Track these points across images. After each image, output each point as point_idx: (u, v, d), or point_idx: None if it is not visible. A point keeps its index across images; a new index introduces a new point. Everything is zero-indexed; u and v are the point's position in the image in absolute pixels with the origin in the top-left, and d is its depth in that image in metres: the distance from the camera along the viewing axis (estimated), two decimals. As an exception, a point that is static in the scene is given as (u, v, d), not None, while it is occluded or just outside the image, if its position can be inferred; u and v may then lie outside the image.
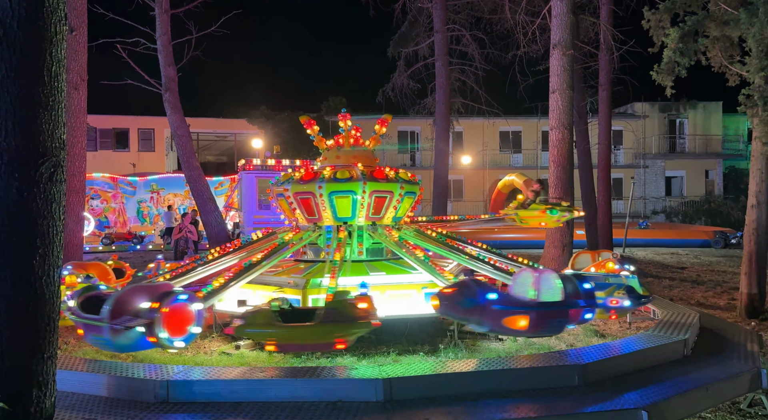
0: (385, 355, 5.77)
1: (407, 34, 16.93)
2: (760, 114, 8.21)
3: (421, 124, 28.62)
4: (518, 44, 14.17)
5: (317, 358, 5.46)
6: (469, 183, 30.26)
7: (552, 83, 10.41)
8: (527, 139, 30.68)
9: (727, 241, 20.26)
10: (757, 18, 7.55)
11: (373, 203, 6.51)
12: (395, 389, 4.03)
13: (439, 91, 15.42)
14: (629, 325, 7.58)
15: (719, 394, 4.58)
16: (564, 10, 9.90)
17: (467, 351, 6.12)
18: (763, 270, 8.76)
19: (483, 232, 20.89)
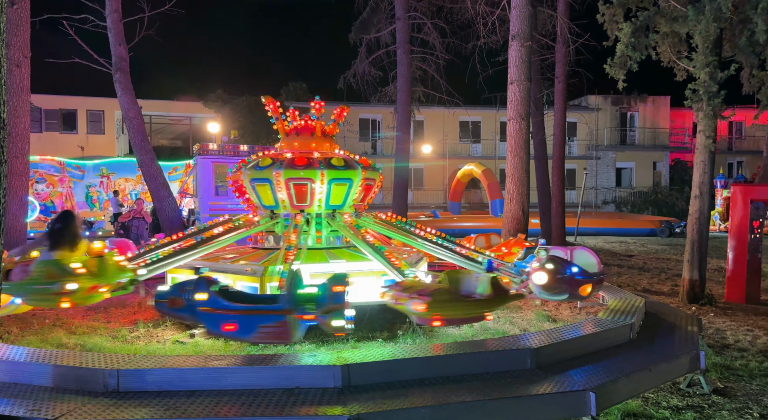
0: (344, 341, 5.79)
1: (369, 20, 16.77)
2: (705, 108, 8.59)
3: (382, 112, 28.57)
4: (478, 35, 14.29)
5: (275, 346, 5.41)
6: (429, 172, 30.50)
7: (510, 74, 10.56)
8: (486, 129, 31.12)
9: (671, 230, 21.26)
10: (704, 15, 7.86)
11: (332, 190, 6.46)
12: (353, 375, 4.04)
13: (401, 79, 15.40)
14: (579, 311, 7.87)
15: (661, 375, 4.80)
16: (523, 1, 10.02)
17: (425, 337, 6.21)
18: (704, 258, 9.21)
19: (441, 221, 21.19)
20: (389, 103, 18.52)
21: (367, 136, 30.44)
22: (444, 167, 30.05)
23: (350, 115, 29.01)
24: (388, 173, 18.55)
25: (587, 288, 5.84)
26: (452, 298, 5.18)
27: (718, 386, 5.08)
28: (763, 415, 4.43)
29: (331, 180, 6.35)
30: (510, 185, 10.92)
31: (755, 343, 6.69)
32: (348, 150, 8.21)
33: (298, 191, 6.39)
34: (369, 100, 18.79)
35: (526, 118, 10.68)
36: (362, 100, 19.89)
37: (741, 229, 9.33)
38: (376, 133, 30.50)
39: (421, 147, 29.03)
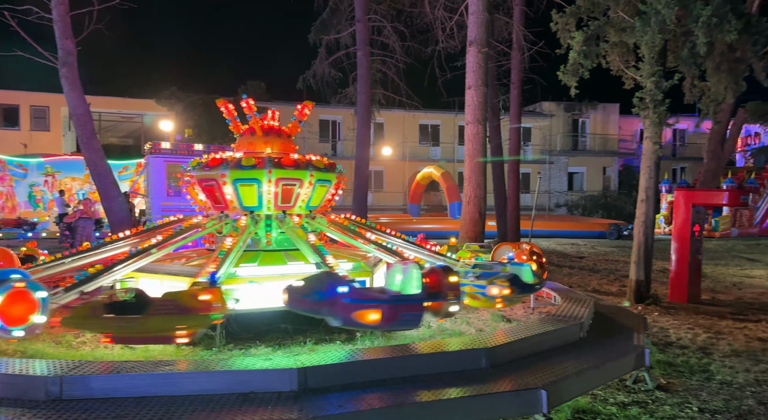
0: (302, 344, 5.73)
1: (329, 21, 16.72)
2: (651, 116, 8.99)
3: (343, 114, 28.51)
4: (437, 39, 14.49)
5: (229, 350, 5.30)
6: (389, 174, 30.63)
7: (468, 79, 10.75)
8: (445, 132, 31.54)
9: (620, 232, 22.13)
10: (650, 27, 8.23)
11: (281, 192, 6.37)
12: (310, 378, 4.00)
13: (361, 81, 15.41)
14: (533, 311, 8.07)
15: (609, 372, 4.98)
16: (480, 8, 10.23)
17: (384, 338, 6.22)
18: (649, 259, 9.63)
19: (401, 223, 21.32)
20: (349, 104, 18.50)
21: (327, 138, 30.29)
22: (404, 169, 30.25)
23: (310, 116, 28.83)
24: (348, 175, 18.54)
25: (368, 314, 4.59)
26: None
27: (661, 382, 5.32)
28: (701, 408, 4.67)
29: (279, 180, 6.25)
30: (468, 188, 11.12)
31: (695, 340, 7.04)
32: (308, 151, 8.15)
33: (244, 192, 6.27)
34: (329, 101, 18.72)
35: (483, 122, 10.90)
36: (322, 100, 19.78)
37: (683, 231, 9.81)
38: (337, 133, 30.39)
39: (382, 149, 29.13)
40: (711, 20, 7.81)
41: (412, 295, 4.64)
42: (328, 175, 6.78)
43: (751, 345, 6.85)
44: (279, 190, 6.31)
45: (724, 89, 8.78)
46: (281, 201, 6.43)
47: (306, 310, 4.66)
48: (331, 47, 16.90)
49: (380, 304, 4.49)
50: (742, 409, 4.66)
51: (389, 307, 4.49)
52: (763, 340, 7.14)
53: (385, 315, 4.47)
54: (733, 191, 9.94)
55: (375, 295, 4.68)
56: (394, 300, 4.57)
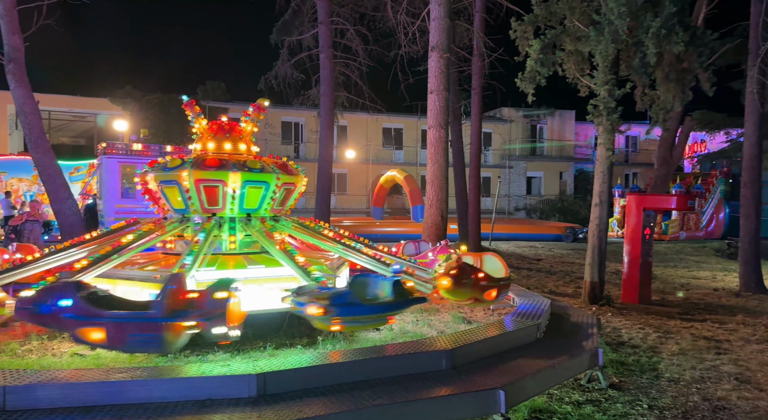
0: (261, 349, 5.64)
1: (291, 22, 16.58)
2: (604, 123, 9.32)
3: (305, 116, 28.30)
4: (400, 44, 14.59)
5: (186, 357, 5.16)
6: (353, 177, 30.58)
7: (430, 84, 10.87)
8: (408, 136, 31.76)
9: (575, 235, 22.79)
10: (603, 37, 8.54)
11: (247, 194, 6.27)
12: (269, 384, 3.94)
13: (324, 83, 15.35)
14: (492, 312, 8.21)
15: (564, 371, 5.12)
16: (441, 14, 10.36)
17: (345, 342, 6.19)
18: (603, 261, 9.95)
19: (364, 226, 21.32)
20: (312, 106, 18.38)
21: (290, 139, 29.99)
22: (367, 172, 30.28)
23: (272, 118, 28.48)
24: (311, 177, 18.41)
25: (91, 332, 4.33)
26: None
27: (613, 381, 5.50)
28: (651, 406, 4.85)
29: (245, 182, 6.16)
30: (430, 191, 11.22)
31: (646, 340, 7.32)
32: (270, 153, 8.03)
33: (208, 193, 6.14)
34: (291, 103, 18.55)
35: (445, 126, 11.03)
36: (284, 102, 19.59)
37: (635, 234, 10.19)
38: (300, 136, 30.13)
39: (345, 151, 29.07)
40: (660, 32, 8.17)
41: (144, 314, 4.20)
42: (293, 178, 6.73)
43: (697, 344, 7.17)
44: (244, 192, 6.22)
45: (672, 98, 9.18)
46: (246, 203, 6.33)
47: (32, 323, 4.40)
48: (293, 49, 16.78)
49: (104, 322, 4.07)
50: (688, 405, 4.87)
51: (114, 326, 4.07)
52: (708, 338, 7.49)
53: (110, 334, 4.07)
54: (681, 196, 10.42)
55: (99, 312, 4.16)
56: (121, 318, 4.12)
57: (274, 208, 6.70)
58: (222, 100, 26.80)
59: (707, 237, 24.06)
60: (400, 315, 7.45)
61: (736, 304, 10.25)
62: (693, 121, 23.11)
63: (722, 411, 4.74)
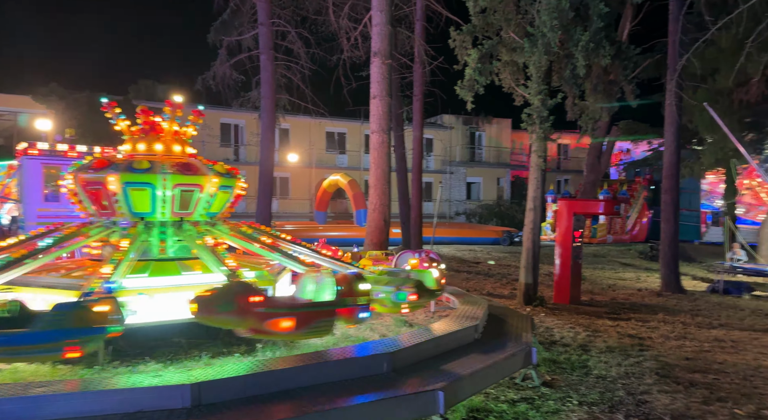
0: (197, 359, 5.45)
1: (230, 22, 16.18)
2: (537, 131, 9.73)
3: (246, 118, 27.66)
4: (342, 48, 14.60)
5: (114, 368, 4.90)
6: (295, 181, 30.18)
7: (373, 89, 10.94)
8: (352, 140, 31.75)
9: (512, 239, 23.58)
10: (537, 48, 8.93)
11: (179, 197, 6.05)
12: (204, 394, 3.81)
13: (265, 85, 15.08)
14: (433, 315, 8.34)
15: (501, 371, 5.27)
16: (383, 20, 10.47)
17: (286, 348, 6.09)
18: (536, 264, 10.35)
19: (308, 230, 21.09)
20: (253, 108, 18.01)
21: (229, 142, 29.20)
22: (310, 176, 29.98)
23: (211, 119, 27.65)
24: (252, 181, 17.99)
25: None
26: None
27: (546, 379, 5.72)
28: (580, 402, 5.09)
29: (176, 185, 5.94)
30: (373, 195, 11.27)
31: (576, 338, 7.68)
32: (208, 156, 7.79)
33: (136, 197, 5.88)
34: (230, 105, 18.08)
35: (387, 132, 11.13)
36: (223, 103, 19.06)
37: (566, 238, 10.68)
38: (239, 138, 29.41)
39: (287, 155, 28.66)
40: (589, 45, 8.65)
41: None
42: (230, 181, 6.56)
43: (623, 341, 7.60)
44: (176, 195, 5.98)
45: (600, 108, 9.73)
46: (179, 207, 6.10)
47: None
48: (232, 49, 16.37)
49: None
50: (614, 400, 5.15)
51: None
52: (632, 336, 7.96)
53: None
54: (608, 201, 11.01)
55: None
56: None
57: (211, 212, 6.50)
58: (155, 100, 25.73)
59: (632, 240, 25.57)
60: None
61: (657, 303, 10.95)
62: (619, 131, 24.58)
63: (644, 404, 5.04)
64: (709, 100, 15.02)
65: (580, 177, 26.55)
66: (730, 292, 12.27)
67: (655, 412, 4.85)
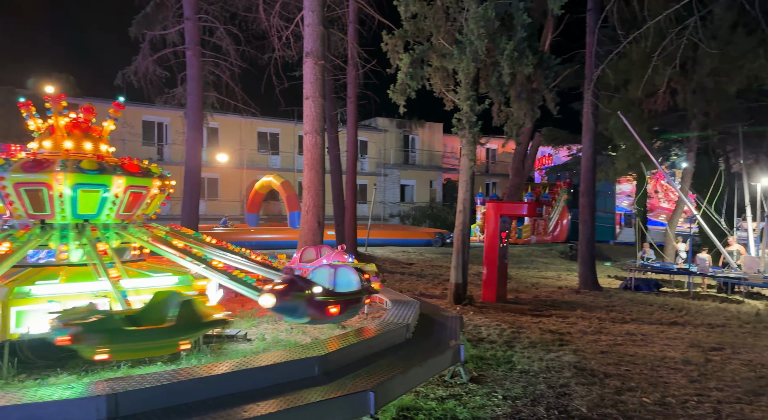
0: (115, 369, 5.17)
1: (153, 15, 15.43)
2: (467, 135, 10.04)
3: (170, 116, 26.49)
4: (273, 47, 14.34)
5: (21, 381, 4.54)
6: (225, 181, 29.24)
7: (306, 90, 10.83)
8: (285, 141, 31.24)
9: (444, 240, 24.14)
10: (465, 55, 9.22)
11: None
12: (122, 405, 3.62)
13: (191, 81, 14.50)
14: (366, 316, 8.38)
15: (430, 369, 5.39)
16: (315, 21, 10.41)
17: (212, 356, 5.90)
18: (466, 264, 10.67)
19: (237, 233, 20.51)
20: (178, 106, 17.28)
21: (152, 141, 27.83)
22: (241, 177, 29.16)
23: (132, 116, 26.27)
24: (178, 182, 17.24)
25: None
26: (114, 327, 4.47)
27: (474, 375, 5.91)
28: (505, 396, 5.30)
29: (76, 185, 5.58)
30: (307, 197, 11.15)
31: (502, 335, 7.98)
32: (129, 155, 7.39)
33: (32, 198, 5.48)
34: (154, 101, 17.24)
35: (321, 133, 11.06)
36: (146, 100, 18.14)
37: (493, 239, 11.09)
38: (164, 137, 28.10)
39: (216, 155, 27.72)
40: (513, 54, 9.04)
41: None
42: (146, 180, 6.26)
43: (544, 337, 7.99)
44: (76, 196, 5.62)
45: (524, 115, 10.19)
46: (125, 209, 5.76)
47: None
48: (156, 44, 15.60)
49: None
50: (536, 393, 5.40)
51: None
52: (553, 332, 8.38)
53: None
54: (531, 204, 11.54)
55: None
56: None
57: (121, 213, 6.17)
58: (71, 95, 24.05)
59: (554, 241, 26.94)
60: (274, 324, 7.31)
61: (576, 300, 11.61)
62: (541, 137, 25.84)
63: (564, 397, 5.33)
64: (622, 109, 16.15)
65: (507, 180, 27.66)
66: (641, 289, 13.24)
67: (572, 403, 5.14)
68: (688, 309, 10.80)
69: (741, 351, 7.42)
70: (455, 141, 36.69)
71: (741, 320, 9.75)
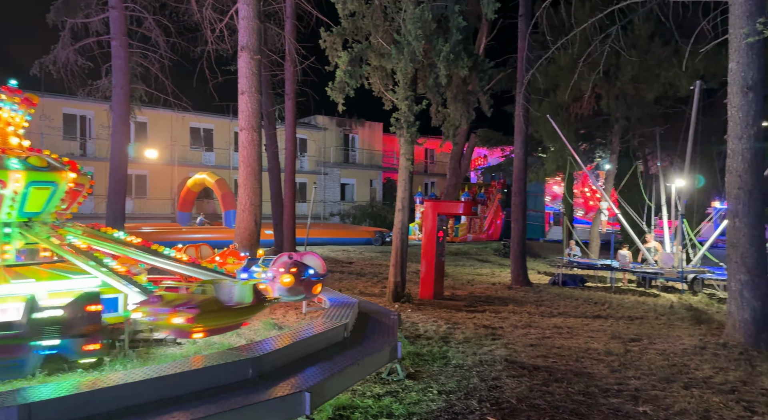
0: (29, 377, 4.83)
1: (75, 2, 14.48)
2: (405, 135, 10.15)
3: (95, 109, 25.00)
4: (206, 40, 13.87)
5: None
6: (154, 179, 27.94)
7: (241, 85, 10.56)
8: (219, 138, 30.27)
9: (384, 239, 24.31)
10: (403, 56, 9.31)
11: (30, 195, 5.33)
12: (36, 415, 3.38)
13: (117, 73, 13.73)
14: (304, 316, 8.30)
15: (367, 367, 5.40)
16: (250, 14, 10.16)
17: (139, 360, 5.65)
18: (404, 262, 10.79)
19: (168, 233, 19.67)
20: (103, 99, 16.34)
21: (74, 135, 26.14)
22: (172, 174, 27.98)
23: (51, 109, 24.61)
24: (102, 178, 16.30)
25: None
26: (218, 308, 5.55)
27: (410, 371, 5.99)
28: (440, 391, 5.40)
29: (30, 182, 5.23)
30: (243, 195, 10.88)
31: (438, 331, 8.14)
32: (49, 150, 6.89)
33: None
34: (75, 93, 16.18)
35: (257, 129, 10.82)
36: (66, 92, 16.99)
37: (431, 237, 11.28)
38: (87, 131, 26.46)
39: (145, 151, 26.45)
40: (449, 56, 9.23)
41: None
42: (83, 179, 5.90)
43: (478, 332, 8.23)
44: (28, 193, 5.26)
45: (460, 116, 10.42)
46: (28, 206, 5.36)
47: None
48: (77, 32, 14.65)
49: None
50: (469, 387, 5.55)
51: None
52: (486, 326, 8.65)
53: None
54: (467, 203, 11.82)
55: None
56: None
57: (60, 211, 5.82)
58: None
59: (489, 239, 27.80)
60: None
61: (508, 296, 12.04)
62: (477, 138, 26.58)
63: (495, 389, 5.51)
64: (552, 113, 16.93)
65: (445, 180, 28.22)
66: (568, 284, 13.92)
67: (503, 395, 5.32)
68: (610, 303, 11.47)
69: (656, 341, 7.97)
70: (395, 140, 37.01)
71: (657, 312, 10.48)
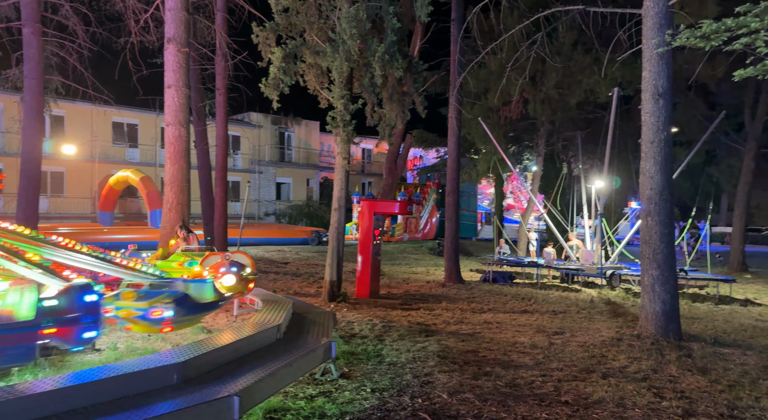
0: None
1: (-21, -18, 13.30)
2: (341, 134, 10.11)
3: (4, 100, 23.12)
4: (130, 31, 13.15)
5: None
6: (72, 176, 26.21)
7: (168, 78, 10.13)
8: (145, 133, 28.85)
9: (320, 238, 24.12)
10: (338, 54, 9.27)
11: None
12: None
13: (29, 62, 12.71)
14: (236, 318, 8.07)
15: (301, 367, 5.33)
16: (178, 5, 9.76)
17: (53, 369, 5.27)
18: (341, 262, 10.75)
19: (87, 233, 18.51)
20: (14, 89, 15.11)
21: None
22: (93, 172, 26.37)
23: (-48, 99, 22.38)
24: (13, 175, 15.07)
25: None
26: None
27: (344, 371, 5.97)
28: (373, 389, 5.42)
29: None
30: (169, 194, 10.44)
31: (373, 330, 8.18)
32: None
33: None
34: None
35: (186, 125, 10.41)
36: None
37: (367, 236, 11.31)
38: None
39: (62, 146, 24.74)
40: (384, 56, 9.28)
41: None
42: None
43: (412, 329, 8.34)
44: None
45: (395, 116, 10.51)
46: None
47: None
48: (-17, 17, 13.48)
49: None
50: (402, 384, 5.61)
51: None
52: (420, 324, 8.78)
53: None
54: (403, 202, 11.96)
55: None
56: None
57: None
58: None
59: (424, 238, 28.29)
60: (129, 333, 6.74)
61: (442, 294, 12.29)
62: (413, 139, 26.97)
63: (427, 385, 5.60)
64: (483, 116, 17.47)
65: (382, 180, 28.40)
66: (498, 281, 14.41)
67: (435, 391, 5.42)
68: (536, 298, 11.99)
69: (578, 334, 8.41)
70: (332, 139, 36.76)
71: (579, 307, 11.06)
